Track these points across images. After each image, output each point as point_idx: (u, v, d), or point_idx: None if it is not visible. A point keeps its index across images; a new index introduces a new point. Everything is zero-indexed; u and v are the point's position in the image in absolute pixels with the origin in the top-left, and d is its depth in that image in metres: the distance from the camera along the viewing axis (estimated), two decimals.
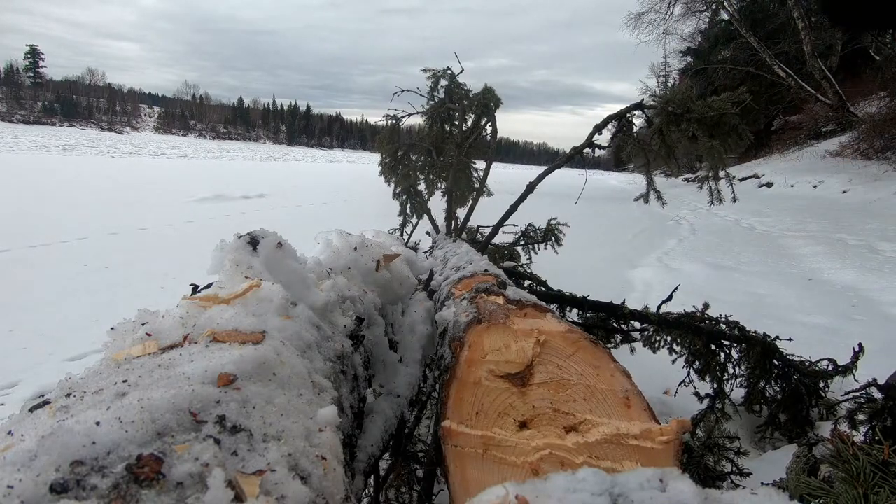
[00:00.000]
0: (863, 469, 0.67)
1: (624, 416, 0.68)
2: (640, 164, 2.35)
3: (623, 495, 0.45)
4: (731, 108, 2.05)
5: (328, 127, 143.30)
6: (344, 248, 1.15)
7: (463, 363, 0.78)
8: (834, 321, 3.86)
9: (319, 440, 0.53)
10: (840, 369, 2.25)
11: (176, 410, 0.45)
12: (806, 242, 7.53)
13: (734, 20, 18.81)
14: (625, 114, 2.38)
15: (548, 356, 0.77)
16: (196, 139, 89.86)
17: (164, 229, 6.81)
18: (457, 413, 0.71)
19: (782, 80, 17.55)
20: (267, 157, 40.22)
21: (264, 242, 0.85)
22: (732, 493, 0.49)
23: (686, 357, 2.36)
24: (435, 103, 3.03)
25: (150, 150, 33.73)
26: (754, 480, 1.76)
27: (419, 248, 3.14)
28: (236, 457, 0.44)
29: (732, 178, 2.37)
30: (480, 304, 1.00)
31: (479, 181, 3.04)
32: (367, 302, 1.05)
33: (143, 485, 0.37)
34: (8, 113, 77.80)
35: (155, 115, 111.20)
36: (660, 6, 21.58)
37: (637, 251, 7.04)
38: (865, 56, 16.82)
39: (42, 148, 26.41)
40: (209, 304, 0.69)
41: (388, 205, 3.60)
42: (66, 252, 5.24)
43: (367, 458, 0.88)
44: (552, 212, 3.70)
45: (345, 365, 0.82)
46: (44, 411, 0.46)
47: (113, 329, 0.64)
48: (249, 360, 0.56)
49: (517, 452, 0.65)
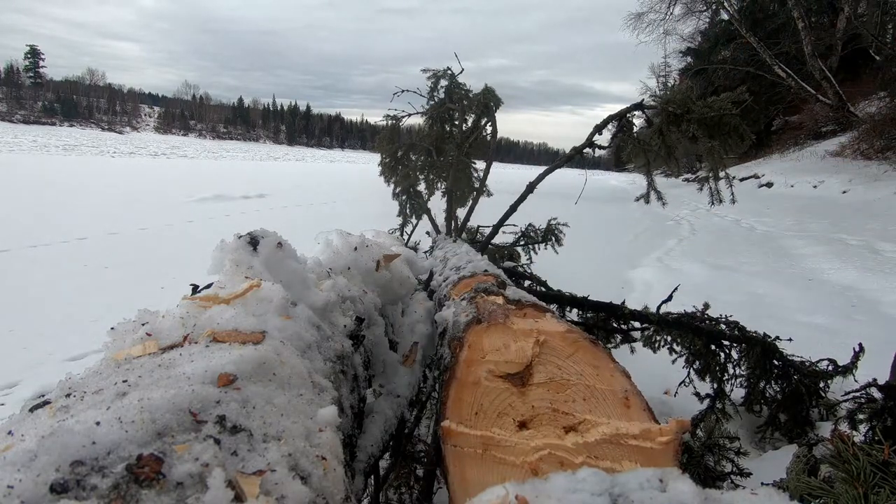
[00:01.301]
0: (863, 469, 0.67)
1: (623, 416, 0.68)
2: (640, 164, 2.35)
3: (623, 495, 0.45)
4: (731, 108, 2.05)
5: (328, 127, 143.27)
6: (344, 248, 1.15)
7: (462, 363, 0.78)
8: (834, 321, 3.86)
9: (319, 440, 0.53)
10: (840, 369, 2.25)
11: (176, 410, 0.45)
12: (806, 242, 7.53)
13: (734, 20, 18.80)
14: (625, 114, 2.38)
15: (547, 356, 0.77)
16: (196, 139, 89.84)
17: (164, 229, 6.81)
18: (456, 413, 0.71)
19: (782, 80, 17.54)
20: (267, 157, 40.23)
21: (264, 242, 0.85)
22: (732, 493, 0.49)
23: (686, 357, 2.36)
24: (435, 103, 3.03)
25: (150, 151, 33.73)
26: (754, 480, 1.76)
27: (419, 248, 3.14)
28: (236, 457, 0.44)
29: (732, 178, 2.37)
30: (480, 303, 1.00)
31: (479, 181, 3.04)
32: (367, 302, 1.05)
33: (143, 485, 0.37)
34: (8, 113, 77.76)
35: (155, 116, 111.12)
36: (660, 6, 21.58)
37: (637, 251, 7.04)
38: (865, 56, 16.80)
39: (42, 148, 26.41)
40: (209, 304, 0.69)
41: (388, 205, 3.60)
42: (66, 252, 5.24)
43: (367, 458, 0.88)
44: (552, 212, 3.70)
45: (345, 365, 0.82)
46: (44, 411, 0.46)
47: (113, 329, 0.64)
48: (249, 360, 0.56)
49: (516, 452, 0.65)
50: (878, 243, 6.96)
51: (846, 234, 7.81)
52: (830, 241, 7.45)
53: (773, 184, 15.03)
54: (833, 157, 14.56)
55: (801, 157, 16.49)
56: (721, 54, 22.02)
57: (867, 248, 6.75)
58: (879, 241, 7.09)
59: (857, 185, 11.75)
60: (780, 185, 14.66)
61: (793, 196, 12.99)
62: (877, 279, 5.15)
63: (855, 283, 5.08)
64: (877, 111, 14.21)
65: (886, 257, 6.21)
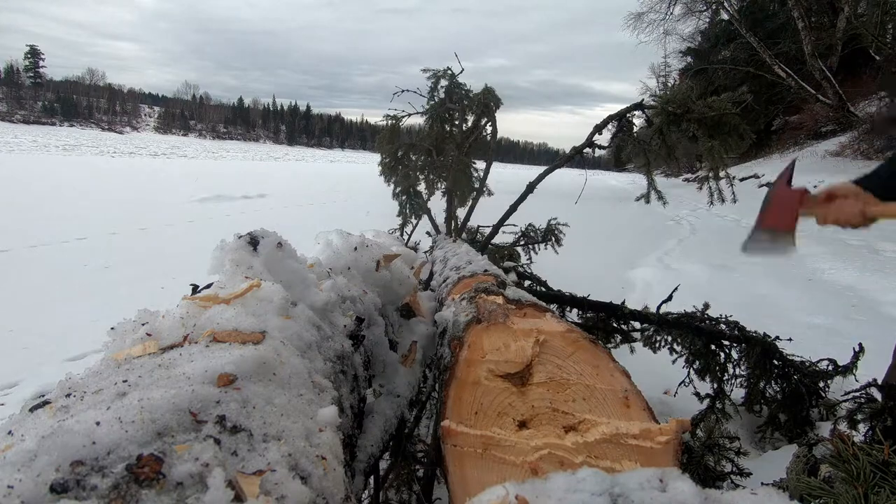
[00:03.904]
0: (863, 469, 0.67)
1: (623, 416, 0.68)
2: (640, 164, 2.35)
3: (623, 495, 0.45)
4: (731, 108, 2.05)
5: (328, 127, 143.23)
6: (344, 248, 1.15)
7: (462, 363, 0.78)
8: (834, 321, 3.86)
9: (319, 440, 0.53)
10: (840, 369, 2.25)
11: (176, 410, 0.45)
12: (806, 242, 7.53)
13: (734, 20, 18.80)
14: (625, 114, 2.38)
15: (547, 356, 0.77)
16: (196, 139, 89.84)
17: (164, 229, 6.81)
18: (456, 412, 0.71)
19: (782, 80, 17.54)
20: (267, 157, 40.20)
21: (264, 242, 0.85)
22: (732, 493, 0.49)
23: (686, 357, 2.36)
24: (435, 103, 3.03)
25: (150, 150, 33.70)
26: (754, 480, 1.76)
27: (419, 248, 3.14)
28: (236, 457, 0.44)
29: (732, 178, 2.37)
30: (480, 303, 1.00)
31: (479, 181, 3.04)
32: (367, 302, 1.05)
33: (143, 485, 0.37)
34: (8, 113, 77.73)
35: (155, 115, 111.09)
36: (660, 6, 21.55)
37: (637, 251, 7.03)
38: (865, 56, 16.79)
39: (42, 148, 26.38)
40: (209, 304, 0.69)
41: (388, 205, 3.60)
42: (66, 252, 5.24)
43: (367, 458, 0.88)
44: (552, 212, 3.70)
45: (345, 365, 0.82)
46: (44, 411, 0.46)
47: (113, 329, 0.64)
48: (249, 360, 0.56)
49: (516, 452, 0.65)
50: (878, 243, 6.96)
51: (846, 234, 7.79)
52: (830, 240, 7.44)
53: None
54: (833, 157, 14.56)
55: (801, 157, 16.48)
56: (721, 54, 22.01)
57: (867, 248, 6.75)
58: (879, 241, 7.09)
59: None
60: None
61: None
62: (877, 279, 5.15)
63: (855, 283, 5.08)
64: (877, 111, 14.21)
65: (886, 257, 6.21)
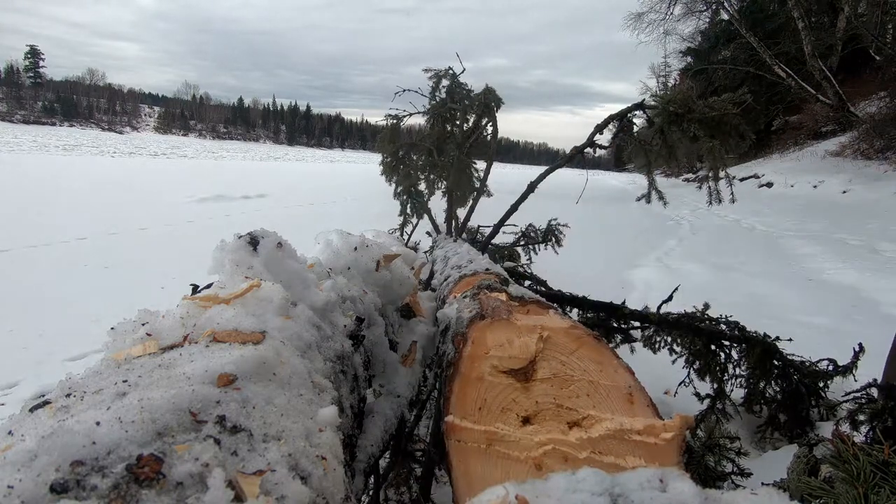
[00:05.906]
0: (863, 469, 0.67)
1: (627, 412, 0.68)
2: (640, 164, 2.35)
3: (623, 495, 0.45)
4: (731, 108, 2.05)
5: (328, 127, 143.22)
6: (344, 248, 1.15)
7: (466, 358, 0.78)
8: (834, 321, 3.86)
9: (319, 440, 0.53)
10: (840, 369, 2.25)
11: (176, 410, 0.45)
12: (806, 242, 7.53)
13: (734, 20, 18.79)
14: (626, 114, 2.37)
15: (551, 352, 0.77)
16: (196, 139, 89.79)
17: (164, 229, 6.80)
18: (460, 408, 0.71)
19: (782, 80, 17.54)
20: (267, 157, 40.20)
21: (264, 242, 0.85)
22: (733, 493, 0.48)
23: (686, 357, 2.36)
24: (436, 103, 3.03)
25: (150, 150, 33.71)
26: (755, 480, 1.76)
27: (419, 248, 3.14)
28: (236, 457, 0.44)
29: (732, 178, 2.37)
30: (483, 300, 1.00)
31: (480, 181, 3.04)
32: (367, 302, 1.05)
33: (143, 485, 0.37)
34: (8, 113, 77.74)
35: (155, 116, 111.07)
36: (660, 6, 21.54)
37: (637, 251, 7.03)
38: (865, 56, 16.79)
39: (42, 148, 26.39)
40: (209, 304, 0.68)
41: (388, 205, 3.60)
42: (66, 252, 5.23)
43: (367, 458, 0.88)
44: (552, 212, 3.70)
45: (345, 365, 0.81)
46: (44, 411, 0.46)
47: (113, 329, 0.64)
48: (249, 360, 0.56)
49: (520, 447, 0.65)
50: (878, 243, 6.96)
51: (846, 234, 7.80)
52: (830, 240, 7.45)
53: (773, 184, 15.03)
54: (833, 157, 14.56)
55: (801, 157, 16.49)
56: (721, 54, 22.01)
57: (867, 248, 6.75)
58: (879, 241, 7.09)
59: (857, 185, 11.75)
60: (780, 185, 14.67)
61: (793, 196, 12.99)
62: (877, 279, 5.15)
63: (855, 283, 5.08)
64: (877, 111, 14.22)
65: (886, 257, 6.21)
